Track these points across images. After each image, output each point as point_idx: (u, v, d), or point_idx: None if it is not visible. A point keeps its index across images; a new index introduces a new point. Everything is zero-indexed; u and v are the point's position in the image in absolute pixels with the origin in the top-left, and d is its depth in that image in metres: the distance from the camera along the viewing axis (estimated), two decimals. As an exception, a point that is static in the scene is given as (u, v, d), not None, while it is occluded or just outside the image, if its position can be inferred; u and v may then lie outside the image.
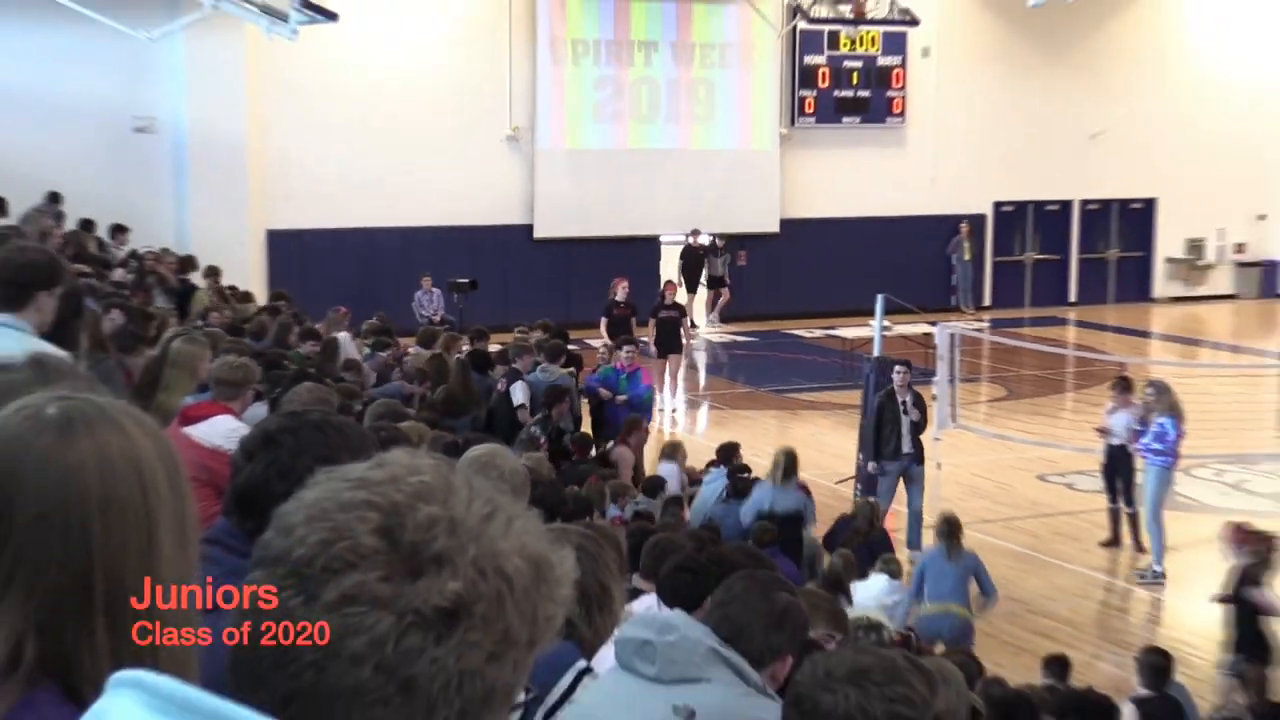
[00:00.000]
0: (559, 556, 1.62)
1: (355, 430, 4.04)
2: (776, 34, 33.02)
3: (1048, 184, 36.84)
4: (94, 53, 26.80)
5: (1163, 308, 37.57)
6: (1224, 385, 23.35)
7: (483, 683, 1.51)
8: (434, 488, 1.55)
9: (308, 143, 29.68)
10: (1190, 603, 16.58)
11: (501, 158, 32.03)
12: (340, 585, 1.48)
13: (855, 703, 3.30)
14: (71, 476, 1.99)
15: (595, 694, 4.30)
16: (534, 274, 31.47)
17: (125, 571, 2.00)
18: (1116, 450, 17.42)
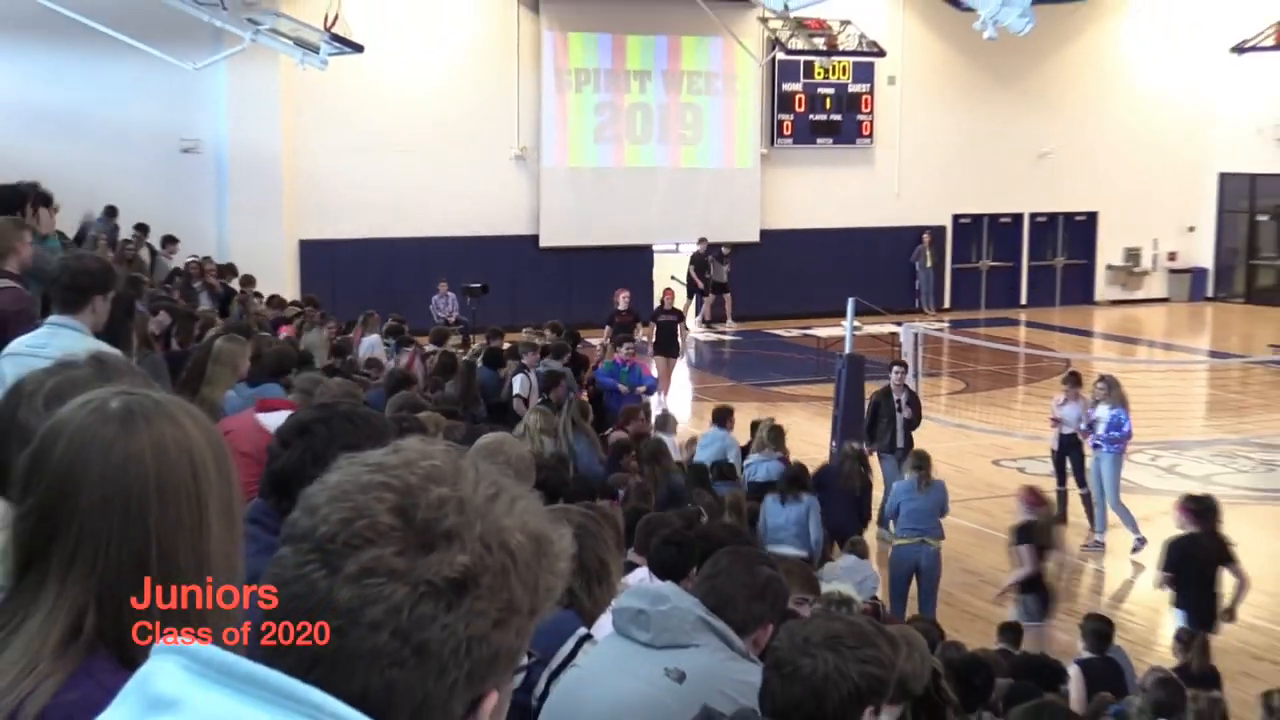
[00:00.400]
0: (558, 533, 1.62)
1: (379, 420, 4.04)
2: (757, 64, 32.98)
3: (1001, 199, 36.85)
4: (146, 82, 26.81)
5: (1103, 310, 37.57)
6: (1158, 379, 23.44)
7: (489, 646, 1.51)
8: (444, 471, 1.55)
9: (336, 161, 29.71)
10: (1129, 574, 16.61)
11: (510, 175, 32.02)
12: (360, 559, 1.48)
13: (833, 665, 3.32)
14: (131, 464, 2.01)
15: (594, 658, 4.30)
16: (539, 279, 31.47)
17: (178, 549, 2.01)
18: (1067, 438, 17.38)
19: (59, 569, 2.01)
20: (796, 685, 3.31)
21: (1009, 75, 35.80)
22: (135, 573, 1.99)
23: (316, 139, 29.57)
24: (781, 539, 12.51)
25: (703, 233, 33.24)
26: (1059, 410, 17.50)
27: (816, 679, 3.30)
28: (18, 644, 1.99)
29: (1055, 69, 36.58)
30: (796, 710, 3.31)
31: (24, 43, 25.90)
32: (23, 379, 2.79)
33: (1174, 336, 34.32)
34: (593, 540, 4.86)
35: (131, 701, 1.45)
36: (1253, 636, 14.28)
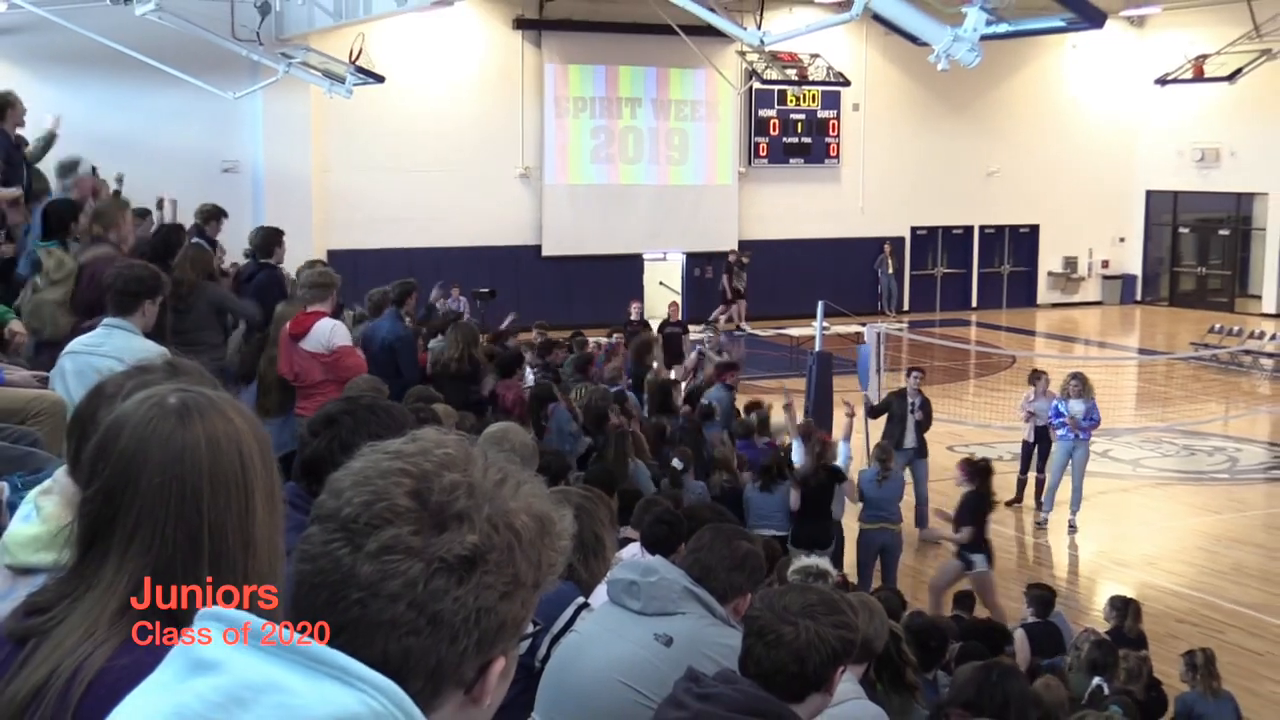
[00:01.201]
0: (560, 514, 1.62)
1: (399, 411, 4.03)
2: (736, 92, 32.99)
3: (953, 212, 36.89)
4: (192, 110, 26.80)
5: (1045, 312, 37.62)
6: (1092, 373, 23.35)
7: (496, 616, 1.51)
8: (456, 458, 1.56)
9: (360, 179, 29.74)
10: (1068, 547, 16.64)
11: (515, 191, 32.03)
12: (380, 537, 1.48)
13: (814, 632, 3.34)
14: (187, 454, 2.03)
15: (591, 624, 4.30)
16: (542, 284, 31.46)
17: (227, 531, 2.02)
18: (1039, 430, 17.28)
19: (119, 547, 2.02)
20: (780, 650, 3.33)
21: (960, 103, 35.82)
22: (189, 552, 2.00)
23: (343, 160, 29.60)
24: (764, 525, 12.48)
25: (687, 243, 33.35)
26: (1031, 405, 17.32)
27: (800, 644, 3.32)
28: (79, 612, 2.01)
29: (1001, 97, 36.62)
30: (780, 672, 3.33)
31: (90, 77, 25.92)
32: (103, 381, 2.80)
33: (1107, 336, 34.37)
34: (589, 518, 4.86)
35: (177, 664, 1.45)
36: (1176, 602, 14.32)
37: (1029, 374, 18.08)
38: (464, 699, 1.53)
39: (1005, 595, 13.40)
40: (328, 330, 9.05)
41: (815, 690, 3.38)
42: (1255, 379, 27.68)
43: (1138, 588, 14.09)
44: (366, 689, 1.39)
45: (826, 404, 17.99)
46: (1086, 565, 16.00)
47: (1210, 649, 10.14)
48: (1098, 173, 37.64)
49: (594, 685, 4.01)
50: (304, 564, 1.52)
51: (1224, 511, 17.67)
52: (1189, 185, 37.48)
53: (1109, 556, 16.09)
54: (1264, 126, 34.83)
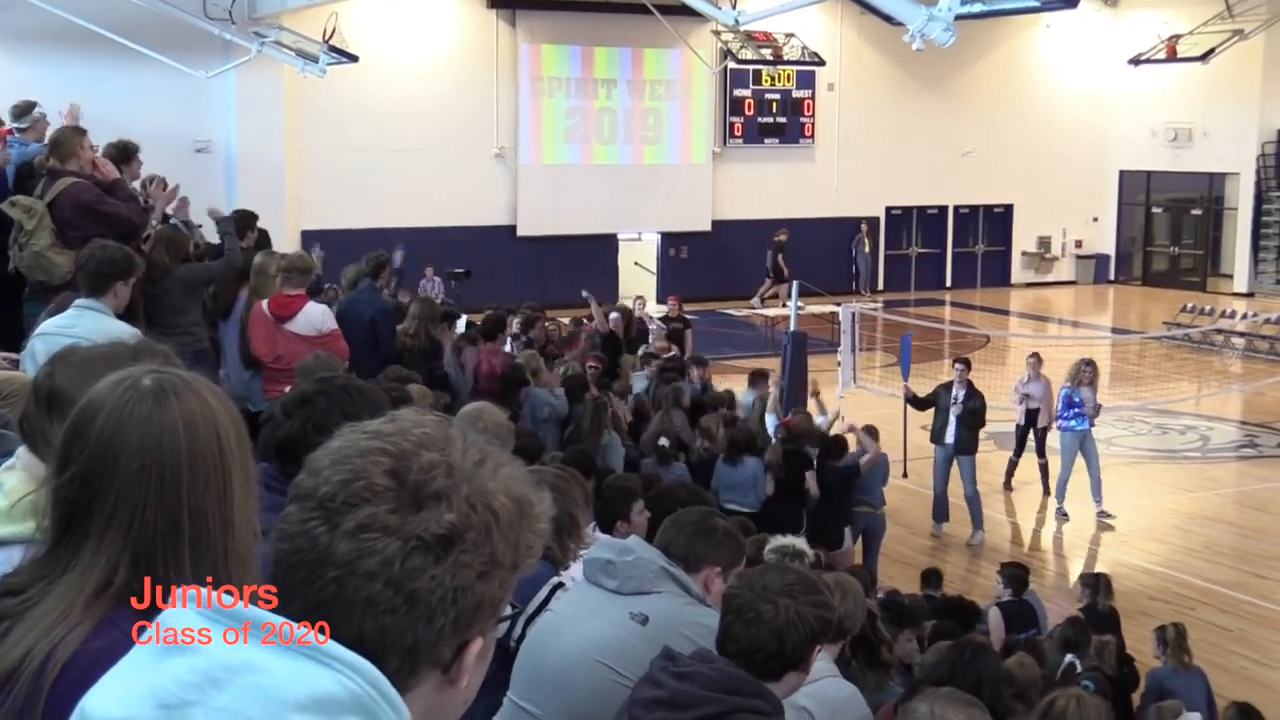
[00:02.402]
0: (539, 497, 1.61)
1: (374, 392, 4.02)
2: (711, 72, 32.94)
3: (928, 192, 36.94)
4: (165, 89, 26.61)
5: (1019, 291, 37.73)
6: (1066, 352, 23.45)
7: (473, 596, 1.51)
8: (435, 438, 1.55)
9: (334, 159, 29.63)
10: (1039, 526, 16.71)
11: (490, 171, 31.95)
12: (357, 516, 1.48)
13: (793, 610, 3.36)
14: (166, 437, 2.03)
15: (567, 603, 4.30)
16: (517, 265, 31.41)
17: (207, 513, 2.03)
18: (1031, 413, 17.08)
19: (97, 530, 2.02)
20: (759, 628, 3.35)
21: (935, 82, 35.85)
22: (170, 535, 2.01)
23: (316, 139, 29.47)
24: (733, 497, 12.55)
25: (661, 223, 33.37)
26: (1025, 387, 17.13)
27: (779, 622, 3.34)
28: (54, 595, 2.01)
29: (976, 77, 36.66)
30: (759, 650, 3.35)
31: (60, 56, 25.66)
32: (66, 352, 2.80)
33: (1080, 315, 34.50)
34: (564, 498, 4.86)
35: (151, 645, 1.44)
36: (1149, 580, 14.42)
37: (1028, 355, 17.72)
38: (441, 679, 1.53)
39: (979, 575, 13.48)
40: (319, 314, 9.07)
41: (793, 669, 3.40)
42: (1227, 358, 27.84)
43: (1111, 565, 14.18)
44: (342, 669, 1.39)
45: (802, 385, 18.01)
46: (1059, 544, 16.08)
47: (1181, 624, 10.22)
48: (1072, 152, 37.74)
49: (570, 665, 4.01)
50: (281, 543, 1.52)
51: (1196, 490, 17.78)
52: (1162, 165, 37.62)
53: (1082, 535, 16.17)
54: (1236, 106, 34.98)
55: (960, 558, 15.04)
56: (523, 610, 4.33)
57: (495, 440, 1.65)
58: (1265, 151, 35.66)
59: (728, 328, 29.67)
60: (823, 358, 20.51)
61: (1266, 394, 23.74)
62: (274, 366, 9.08)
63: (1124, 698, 9.42)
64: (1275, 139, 35.56)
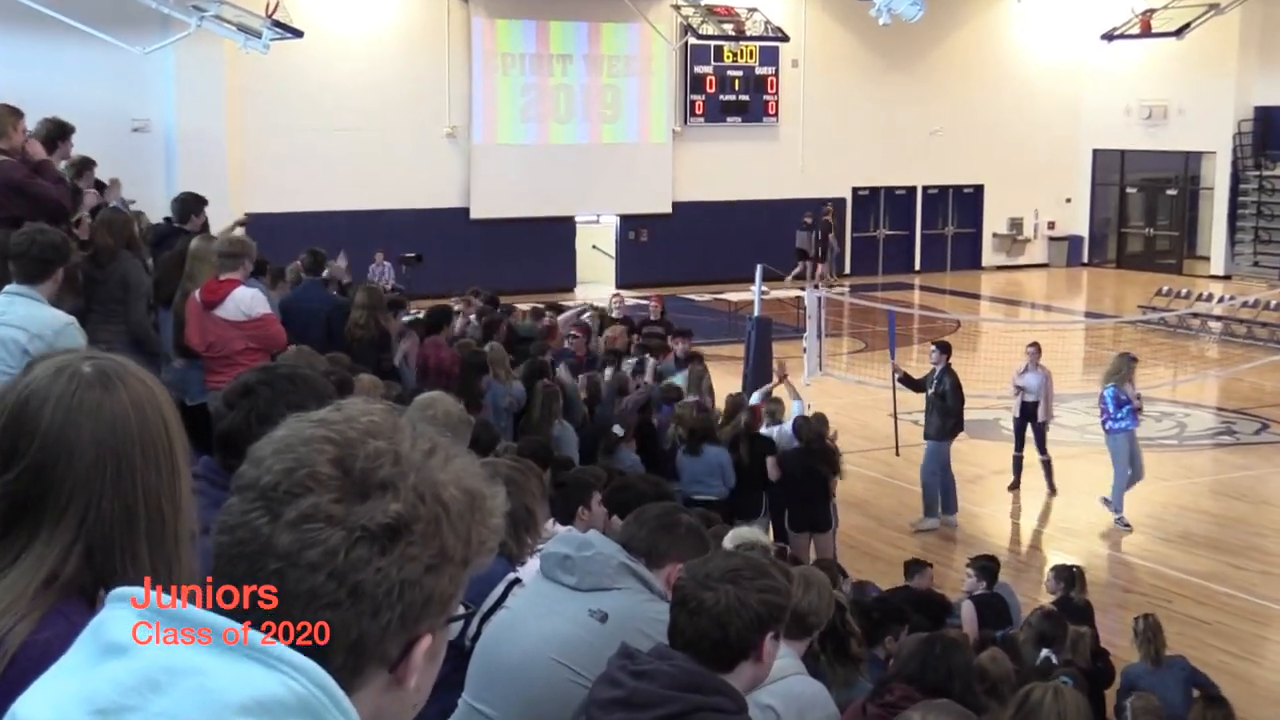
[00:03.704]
0: (492, 490, 1.61)
1: (320, 381, 4.00)
2: (671, 48, 32.96)
3: (896, 172, 37.08)
4: (97, 65, 26.42)
5: (990, 274, 37.93)
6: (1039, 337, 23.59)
7: (421, 590, 1.50)
8: (382, 426, 1.55)
9: (278, 139, 29.48)
10: (1011, 517, 16.82)
11: (442, 151, 31.87)
12: (299, 505, 1.47)
13: (734, 596, 3.35)
14: (119, 423, 2.04)
15: (524, 600, 4.29)
16: (470, 249, 31.36)
17: (160, 498, 2.06)
18: (1028, 406, 16.89)
19: (50, 522, 2.03)
20: (701, 617, 3.34)
21: (902, 59, 35.96)
22: (125, 522, 2.02)
23: (259, 119, 29.32)
24: (700, 488, 12.60)
25: (619, 205, 33.40)
26: (1020, 379, 16.97)
27: (719, 609, 3.33)
28: (3, 586, 2.01)
29: (944, 53, 36.79)
30: (703, 639, 3.34)
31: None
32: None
33: (1053, 299, 34.72)
34: (520, 491, 4.85)
35: (86, 647, 1.43)
36: (1124, 571, 14.55)
37: (1028, 344, 17.54)
38: (389, 679, 1.52)
39: (950, 567, 13.56)
40: (247, 297, 8.99)
41: (743, 658, 3.39)
42: (1203, 343, 28.08)
43: (1085, 556, 14.27)
44: (287, 670, 1.38)
45: (765, 371, 18.06)
46: (1032, 534, 16.19)
47: (1155, 616, 10.29)
48: (1044, 131, 37.94)
49: (526, 664, 4.01)
50: (222, 535, 1.51)
51: (1172, 479, 17.93)
52: (1136, 144, 37.89)
53: (1055, 525, 16.30)
54: (1212, 83, 35.25)
55: (929, 551, 15.10)
56: (476, 609, 4.32)
57: (448, 431, 1.64)
58: (1242, 130, 35.96)
59: (690, 314, 29.69)
60: (787, 343, 20.56)
61: (1244, 379, 23.95)
62: (207, 355, 9.03)
63: (1098, 693, 9.49)
64: (1252, 117, 35.87)
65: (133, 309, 9.19)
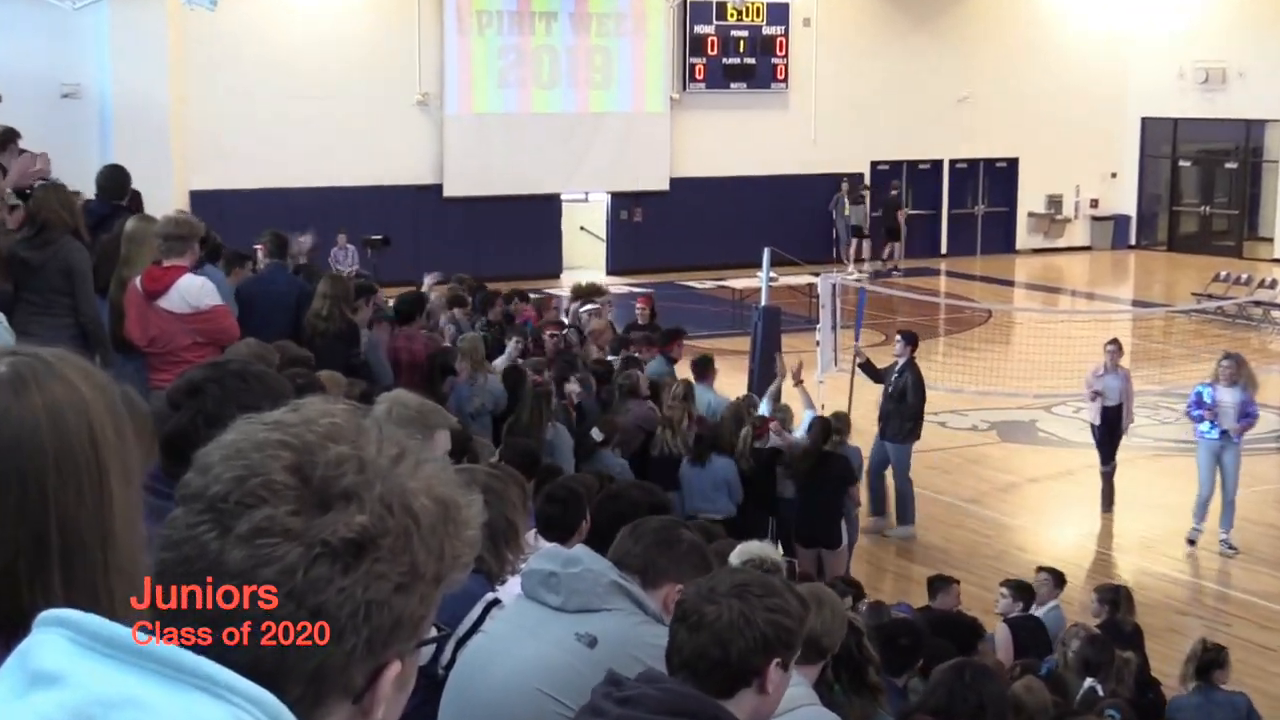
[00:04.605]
0: (467, 500, 1.61)
1: (274, 378, 4.00)
2: (668, 4, 32.97)
3: (920, 144, 37.05)
4: (19, 22, 26.40)
5: (1025, 258, 37.93)
6: (1080, 329, 23.66)
7: (390, 612, 1.50)
8: (345, 429, 1.55)
9: (228, 108, 29.41)
10: (1048, 529, 16.83)
11: (412, 122, 31.85)
12: (252, 518, 1.47)
13: (739, 611, 3.35)
14: (25, 434, 1.92)
15: (502, 623, 4.30)
16: (444, 230, 31.32)
17: (80, 523, 1.93)
18: (1110, 413, 16.61)
19: None
20: (702, 633, 3.35)
21: (927, 16, 35.96)
22: (35, 552, 1.91)
23: (206, 85, 29.24)
24: (702, 504, 12.55)
25: (610, 181, 33.37)
26: (1098, 381, 16.67)
27: (721, 625, 3.34)
28: None
29: (974, 10, 36.78)
30: (701, 659, 3.35)
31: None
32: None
33: (1096, 285, 34.73)
34: (499, 500, 4.86)
35: (13, 677, 1.43)
36: (1177, 591, 14.54)
37: (1106, 341, 17.25)
38: (353, 710, 1.52)
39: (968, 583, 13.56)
40: (194, 287, 8.92)
41: (744, 684, 3.39)
42: (1266, 334, 28.06)
43: (1132, 575, 14.30)
44: (238, 701, 1.39)
45: (773, 367, 18.05)
46: (1072, 551, 16.18)
47: (1213, 642, 10.27)
48: (1086, 98, 37.88)
49: (506, 694, 4.01)
50: (166, 551, 1.51)
51: (1232, 487, 17.91)
52: (1191, 111, 37.84)
53: (1098, 540, 16.29)
54: (1276, 43, 35.15)
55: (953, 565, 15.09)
56: (451, 632, 4.32)
57: (419, 428, 1.64)
58: (1309, 95, 35.93)
59: (689, 302, 29.69)
60: (798, 335, 20.56)
61: (1311, 375, 23.94)
62: (150, 351, 8.99)
63: (1147, 727, 9.49)
64: (1320, 81, 35.85)
65: (83, 299, 9.04)
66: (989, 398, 20.64)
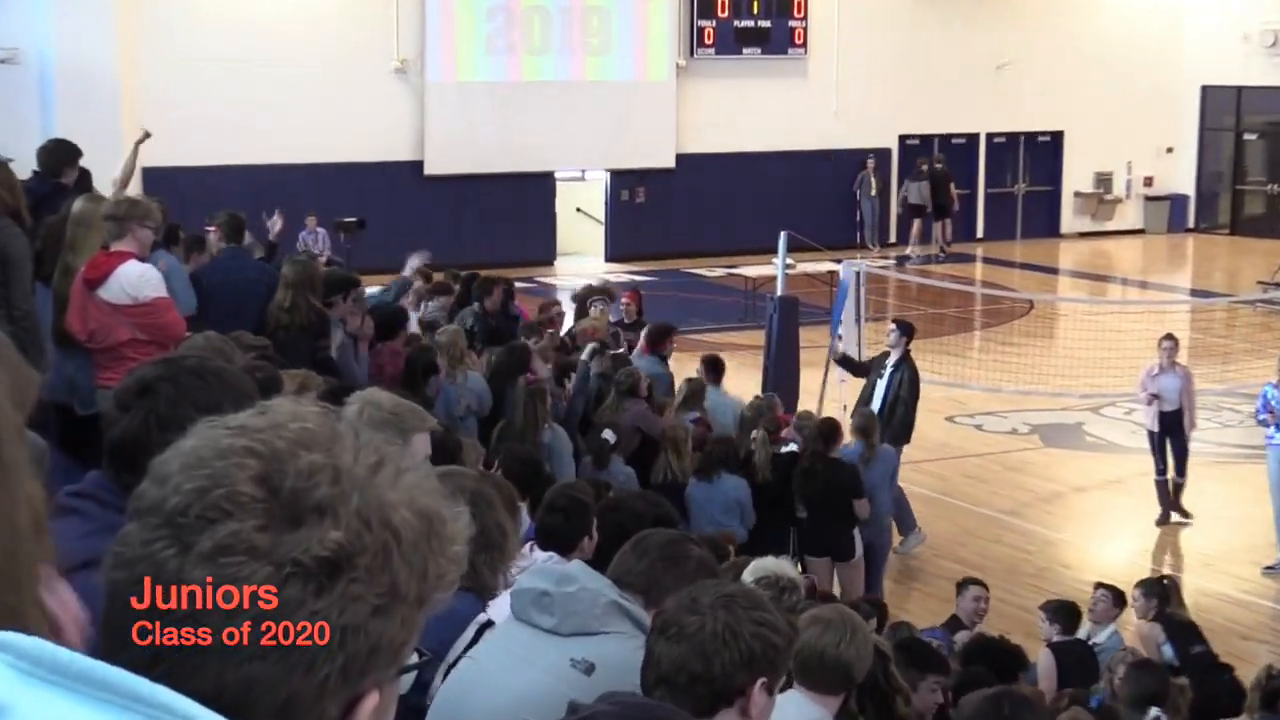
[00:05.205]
0: (452, 513, 1.61)
1: (237, 376, 3.99)
2: (674, -39, 32.95)
3: (953, 116, 37.01)
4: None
5: (1070, 243, 37.91)
6: (1132, 322, 23.62)
7: (367, 638, 1.50)
8: (317, 435, 1.55)
9: (184, 75, 29.34)
10: (1096, 543, 16.82)
11: (389, 91, 31.82)
12: (215, 534, 1.47)
13: (723, 622, 3.36)
14: None
15: (492, 647, 4.29)
16: (425, 212, 31.29)
17: None
18: (1168, 417, 16.51)
19: None
20: (682, 644, 3.35)
21: (962, -26, 35.95)
22: None
23: (160, 50, 29.20)
24: (710, 526, 12.49)
25: (611, 158, 33.33)
26: (1154, 383, 16.59)
27: (704, 635, 3.34)
28: None
29: (1015, -33, 36.77)
30: (680, 672, 3.35)
31: None
32: None
33: (1150, 273, 34.71)
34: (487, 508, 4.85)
35: None
36: (1241, 614, 14.52)
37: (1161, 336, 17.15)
38: (326, 745, 1.53)
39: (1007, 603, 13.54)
40: (134, 275, 8.86)
41: (725, 703, 3.39)
42: (1339, 328, 28.04)
43: (1191, 596, 14.26)
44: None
45: (792, 364, 18.04)
46: (1124, 568, 16.14)
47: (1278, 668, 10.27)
48: (1139, 64, 37.82)
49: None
50: (118, 571, 1.51)
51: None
52: (1256, 78, 37.81)
53: (1149, 555, 16.28)
54: (1350, 4, 35.16)
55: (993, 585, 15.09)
56: (433, 658, 4.33)
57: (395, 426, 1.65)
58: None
59: (697, 291, 29.71)
60: (818, 329, 20.53)
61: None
62: (90, 346, 8.97)
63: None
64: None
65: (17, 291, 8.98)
66: (1030, 398, 20.61)
